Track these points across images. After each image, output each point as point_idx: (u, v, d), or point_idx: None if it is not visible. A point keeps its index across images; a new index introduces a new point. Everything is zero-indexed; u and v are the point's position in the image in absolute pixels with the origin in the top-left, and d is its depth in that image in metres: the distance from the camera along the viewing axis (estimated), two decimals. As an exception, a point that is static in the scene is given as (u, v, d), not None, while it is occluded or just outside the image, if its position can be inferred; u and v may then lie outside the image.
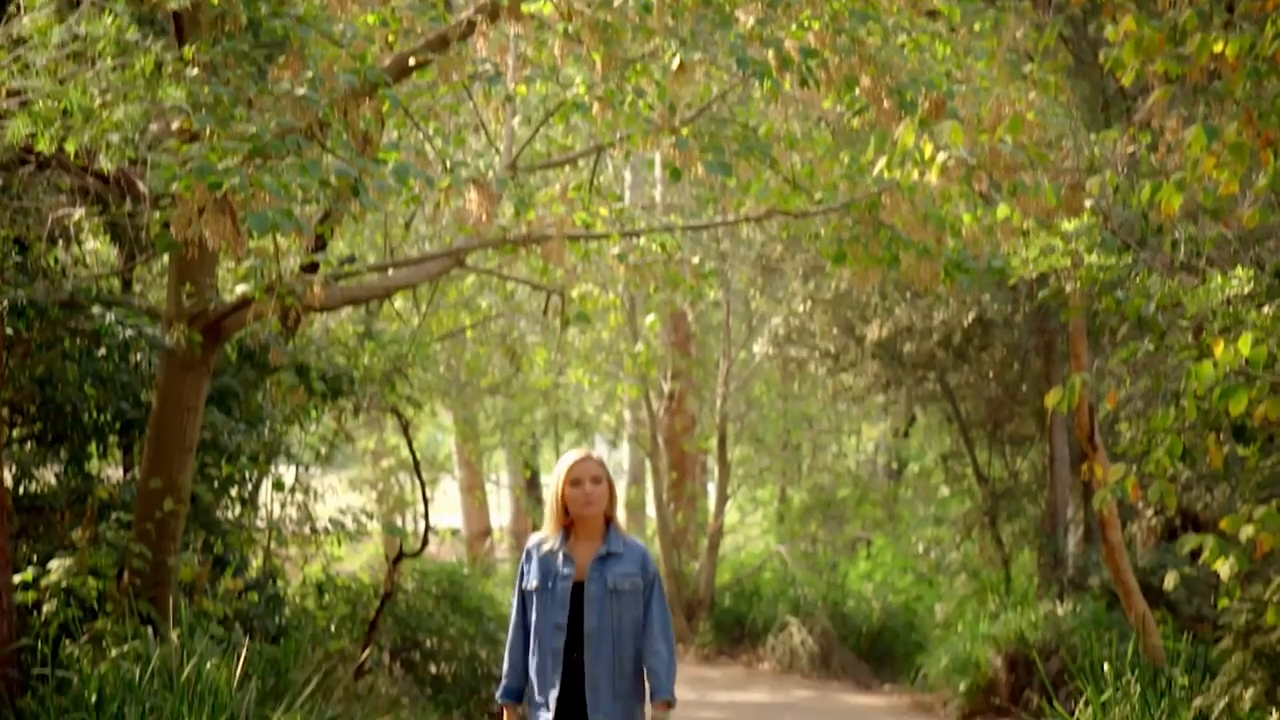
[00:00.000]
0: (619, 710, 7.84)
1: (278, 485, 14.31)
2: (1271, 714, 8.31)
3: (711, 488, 28.64)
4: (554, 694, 7.82)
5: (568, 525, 7.99)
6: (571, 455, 8.02)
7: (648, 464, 28.03)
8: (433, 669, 17.18)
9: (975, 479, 22.67)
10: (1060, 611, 18.77)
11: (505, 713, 8.03)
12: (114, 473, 12.92)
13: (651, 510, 30.62)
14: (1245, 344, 7.37)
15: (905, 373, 21.80)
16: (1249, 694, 8.51)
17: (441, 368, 23.06)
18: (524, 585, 8.01)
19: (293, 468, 15.19)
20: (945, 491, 26.22)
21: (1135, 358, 8.79)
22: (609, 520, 8.03)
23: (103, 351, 11.44)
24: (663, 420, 26.26)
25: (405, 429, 16.74)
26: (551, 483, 7.96)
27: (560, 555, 7.95)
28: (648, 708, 7.92)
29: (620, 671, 7.87)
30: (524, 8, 9.80)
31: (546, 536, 8.00)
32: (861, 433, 30.16)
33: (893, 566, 26.38)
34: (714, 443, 26.17)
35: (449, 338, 21.36)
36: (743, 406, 26.83)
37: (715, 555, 25.63)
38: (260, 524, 14.19)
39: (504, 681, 8.05)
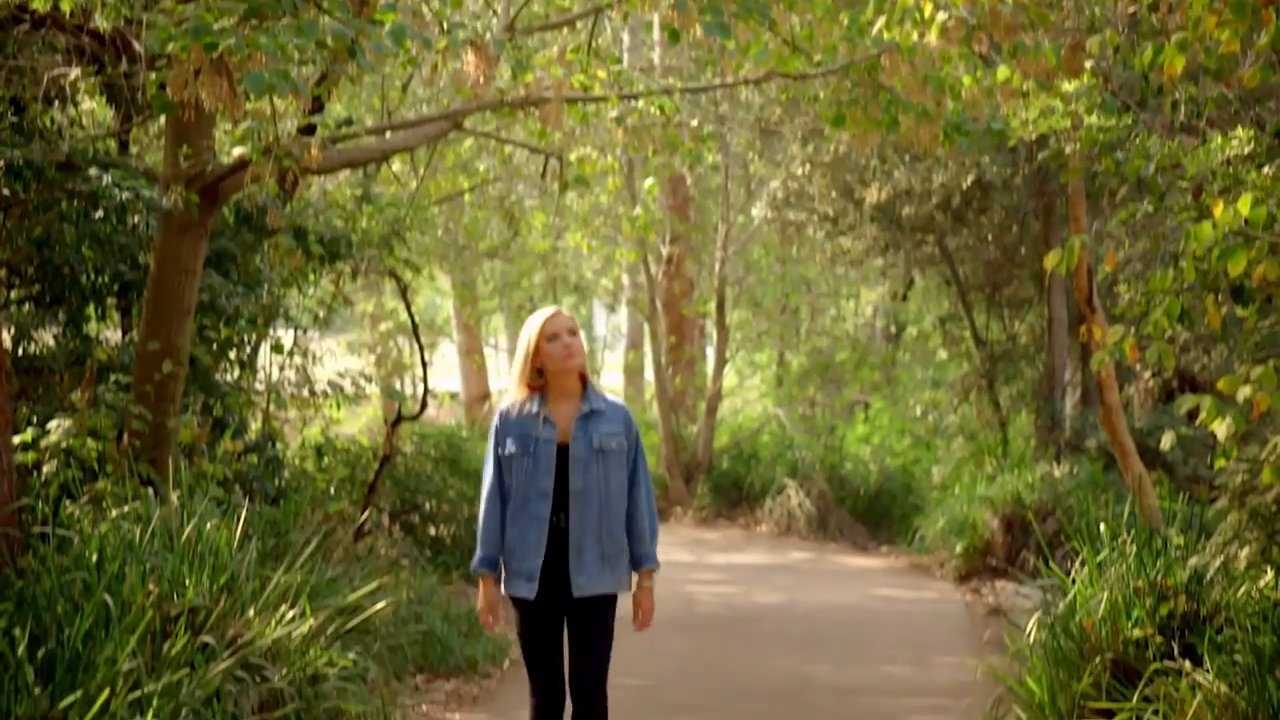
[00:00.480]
0: (605, 575, 7.49)
1: (276, 348, 14.33)
2: (1266, 572, 8.36)
3: (710, 352, 28.69)
4: (538, 562, 7.44)
5: (539, 388, 7.55)
6: (541, 313, 7.57)
7: (646, 328, 28.05)
8: (432, 531, 17.28)
9: (973, 342, 22.69)
10: (1057, 473, 18.85)
11: (483, 584, 7.60)
12: (112, 335, 12.93)
13: (650, 374, 30.67)
14: (1245, 204, 7.36)
15: (904, 236, 21.76)
16: (1244, 553, 8.56)
17: (439, 231, 23.04)
18: (501, 451, 7.53)
19: (291, 331, 15.20)
20: (943, 355, 26.28)
21: (1134, 219, 8.77)
22: (584, 378, 7.62)
23: (100, 213, 11.41)
24: (661, 284, 26.25)
25: (403, 293, 16.74)
26: (521, 343, 7.55)
27: (540, 418, 7.49)
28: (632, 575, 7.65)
29: (608, 535, 7.50)
30: None
31: (519, 400, 7.55)
32: (860, 296, 30.17)
33: (890, 429, 26.46)
34: (712, 307, 26.17)
35: (447, 201, 21.31)
36: (741, 270, 26.82)
37: (713, 419, 25.71)
38: (259, 387, 14.22)
39: (480, 551, 7.58)
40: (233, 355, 13.33)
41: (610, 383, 38.86)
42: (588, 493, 7.45)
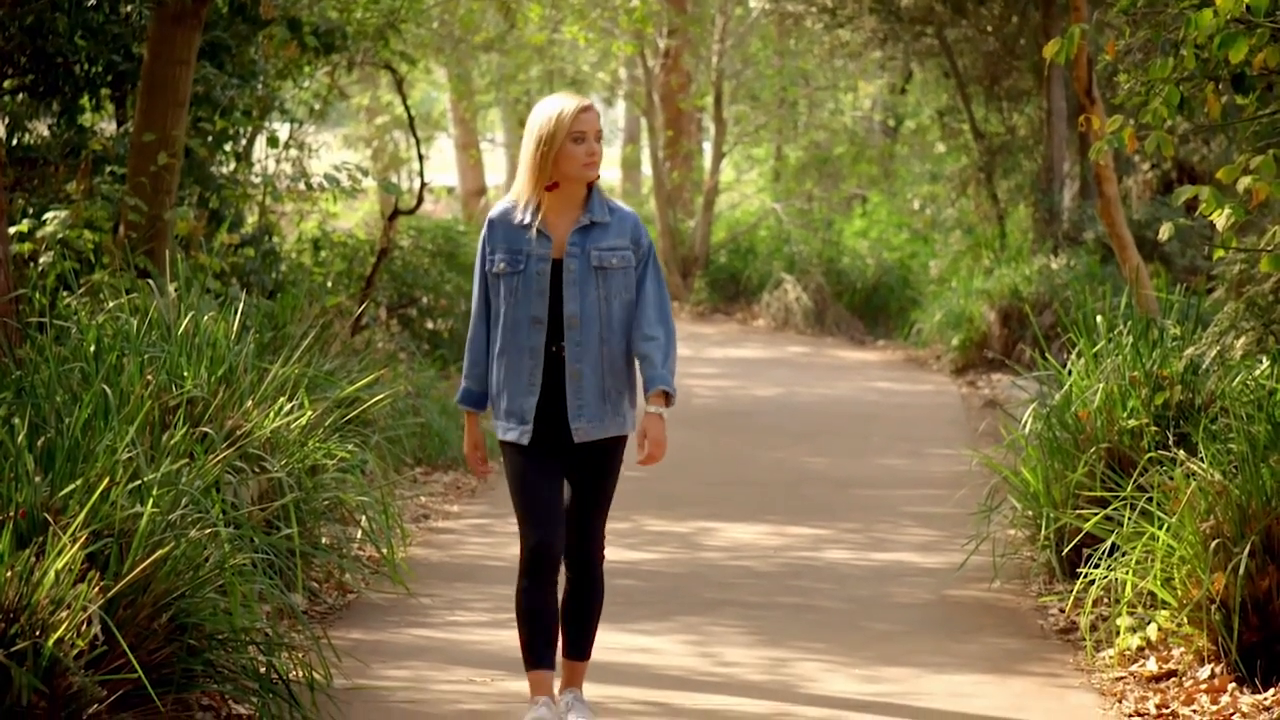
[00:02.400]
0: (606, 413, 6.54)
1: (272, 141, 14.25)
2: (1262, 361, 8.38)
3: (707, 146, 28.54)
4: (532, 401, 6.51)
5: (551, 187, 6.47)
6: (569, 103, 6.45)
7: (643, 122, 27.89)
8: (429, 325, 17.32)
9: (972, 135, 22.56)
10: (1054, 266, 18.86)
11: (467, 422, 6.76)
12: (107, 126, 12.86)
13: (647, 169, 30.56)
14: (1247, -10, 7.27)
15: (903, 27, 21.57)
16: (1240, 342, 8.57)
17: (435, 23, 22.82)
18: (489, 268, 6.55)
19: (286, 124, 15.12)
20: (941, 148, 26.14)
21: (1135, 7, 8.66)
22: (590, 184, 6.55)
23: (92, 2, 11.29)
24: (658, 78, 26.07)
25: (399, 85, 16.62)
26: (538, 134, 6.41)
27: (533, 230, 6.47)
28: (640, 405, 6.66)
29: (610, 367, 6.53)
30: None
31: (514, 205, 6.52)
32: (858, 89, 29.95)
33: (888, 224, 26.43)
34: (710, 100, 26.01)
35: (442, -7, 21.10)
36: (739, 64, 26.61)
37: (710, 213, 25.66)
38: (255, 180, 14.17)
39: (464, 384, 6.70)
40: (228, 148, 13.27)
41: (608, 177, 38.76)
42: (585, 316, 6.48)
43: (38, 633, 5.88)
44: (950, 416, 15.89)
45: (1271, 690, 7.00)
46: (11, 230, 9.90)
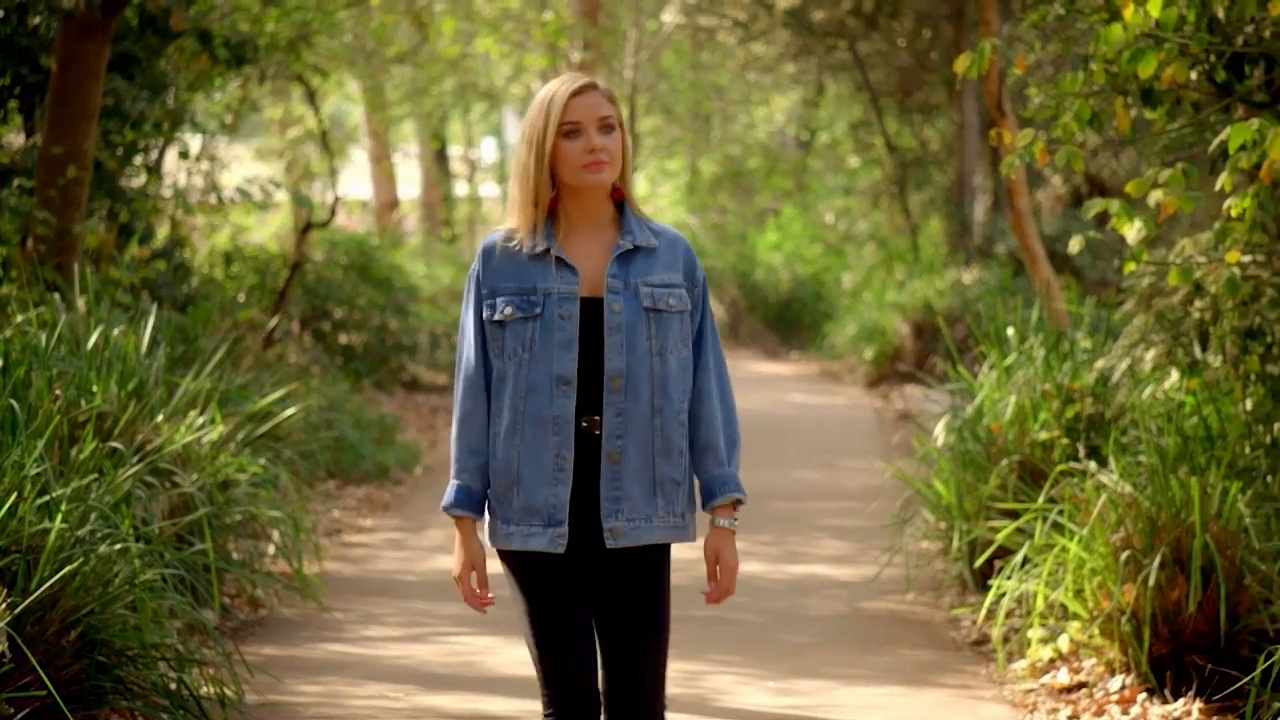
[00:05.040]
0: (656, 511, 4.83)
1: (183, 154, 14.16)
2: (1171, 374, 8.44)
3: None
4: (564, 493, 4.76)
5: (552, 206, 4.83)
6: (563, 85, 4.81)
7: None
8: (342, 339, 17.26)
9: (884, 148, 22.68)
10: (967, 279, 18.97)
11: (459, 532, 4.89)
12: (15, 139, 12.74)
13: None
14: (1155, 6, 7.33)
15: (815, 41, 21.68)
16: (1150, 355, 8.62)
17: (348, 36, 22.73)
18: (488, 315, 4.81)
19: (198, 136, 15.03)
20: (854, 161, 26.26)
21: (1045, 22, 8.72)
22: (620, 196, 4.88)
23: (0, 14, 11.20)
24: (572, 91, 26.03)
25: (312, 97, 16.57)
26: (525, 133, 4.83)
27: (551, 259, 4.78)
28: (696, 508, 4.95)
29: (663, 447, 4.81)
30: None
31: (516, 229, 4.81)
32: (771, 103, 30.04)
33: (801, 236, 26.51)
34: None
35: (355, 5, 21.02)
36: (652, 77, 26.64)
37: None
38: (166, 193, 14.07)
39: (455, 480, 4.87)
40: (139, 160, 13.16)
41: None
42: (633, 377, 4.75)
43: (-56, 651, 5.82)
44: (864, 429, 15.95)
45: (1181, 701, 7.05)
46: (-82, 243, 9.80)
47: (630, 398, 4.75)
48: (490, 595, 4.93)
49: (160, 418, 8.47)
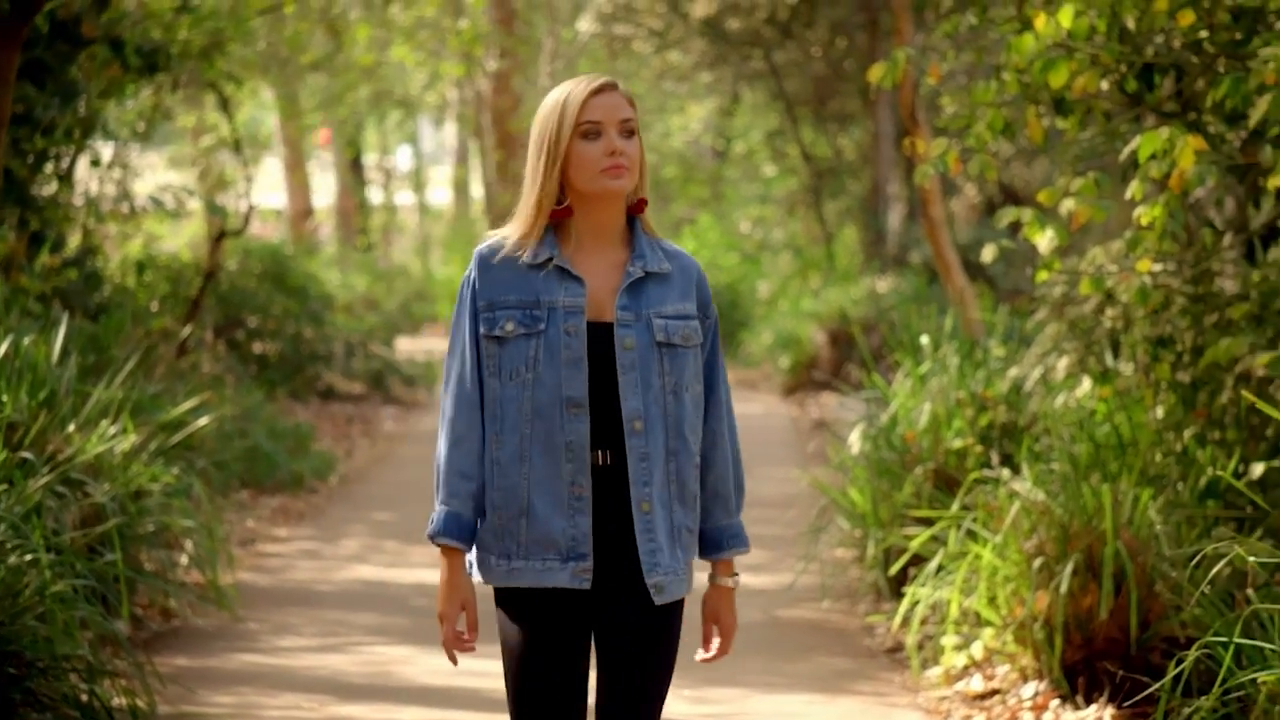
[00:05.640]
0: (679, 563, 4.41)
1: (95, 162, 14.05)
2: (1083, 382, 8.50)
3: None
4: (585, 523, 4.32)
5: (559, 217, 4.39)
6: (580, 84, 4.38)
7: (473, 144, 27.82)
8: (257, 347, 17.18)
9: (800, 157, 22.75)
10: (881, 287, 19.05)
11: (446, 564, 4.37)
12: (-77, 147, 12.61)
13: (477, 190, 30.48)
14: (1066, 16, 7.38)
15: (731, 50, 21.74)
16: (1062, 364, 8.68)
17: (262, 43, 22.63)
18: (486, 330, 4.36)
19: (110, 144, 14.91)
20: (770, 170, 26.34)
21: (958, 32, 8.77)
22: (636, 209, 4.47)
23: (-93, 22, 11.07)
24: (488, 99, 26.03)
25: (225, 105, 16.47)
26: (537, 134, 4.40)
27: (554, 270, 4.36)
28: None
29: (679, 494, 4.40)
30: None
31: (519, 237, 4.39)
32: (687, 111, 30.09)
33: (718, 245, 26.55)
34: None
35: (269, 12, 20.93)
36: (568, 85, 26.65)
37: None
38: (77, 201, 13.96)
39: (445, 507, 4.37)
40: (50, 168, 13.05)
41: (439, 199, 38.59)
42: (648, 419, 4.35)
43: None
44: (780, 437, 15.98)
45: (1093, 707, 7.09)
46: None
47: (650, 440, 4.34)
48: (474, 641, 4.41)
49: (71, 427, 8.39)
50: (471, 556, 4.41)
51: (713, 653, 4.55)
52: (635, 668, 4.41)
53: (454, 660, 4.45)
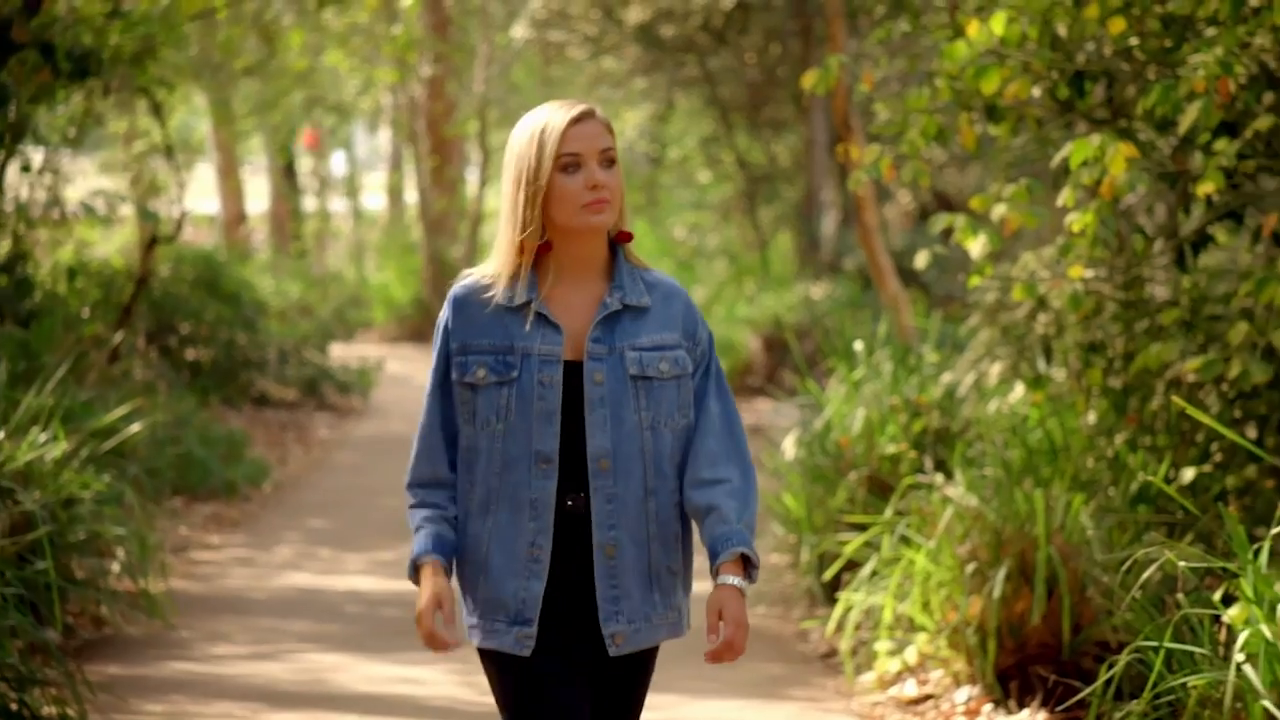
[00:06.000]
0: (654, 607, 4.29)
1: (25, 168, 13.96)
2: (1016, 387, 8.54)
3: (471, 172, 28.51)
4: (536, 588, 4.17)
5: (540, 252, 4.19)
6: (556, 113, 4.18)
7: (407, 150, 27.77)
8: (190, 354, 17.09)
9: (734, 163, 22.77)
10: (816, 293, 19.09)
11: (425, 570, 4.23)
12: None
13: (411, 196, 30.42)
14: (998, 23, 7.42)
15: (666, 56, 21.75)
16: (995, 369, 8.73)
17: (194, 49, 22.54)
18: (459, 375, 4.21)
19: (40, 149, 14.81)
20: (705, 176, 26.36)
21: (891, 38, 8.81)
22: (619, 240, 4.27)
23: None
24: (422, 105, 25.99)
25: (157, 111, 16.37)
26: (514, 168, 4.18)
27: (530, 314, 4.18)
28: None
29: (658, 533, 4.23)
30: None
31: (495, 276, 4.21)
32: (622, 117, 30.09)
33: (652, 251, 26.55)
34: (475, 127, 25.98)
35: (201, 18, 20.84)
36: (503, 91, 26.61)
37: (476, 238, 25.64)
38: (8, 207, 13.86)
39: (424, 528, 4.28)
40: (-21, 174, 12.96)
41: (373, 205, 38.50)
42: (621, 456, 4.17)
43: None
44: (714, 443, 15.96)
45: (1026, 711, 7.12)
46: None
47: (620, 480, 4.15)
48: (457, 640, 4.19)
49: (1, 435, 8.33)
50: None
51: (719, 647, 4.23)
52: (610, 702, 4.35)
53: (442, 651, 4.21)
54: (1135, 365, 7.45)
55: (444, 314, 4.25)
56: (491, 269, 4.21)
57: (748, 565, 4.24)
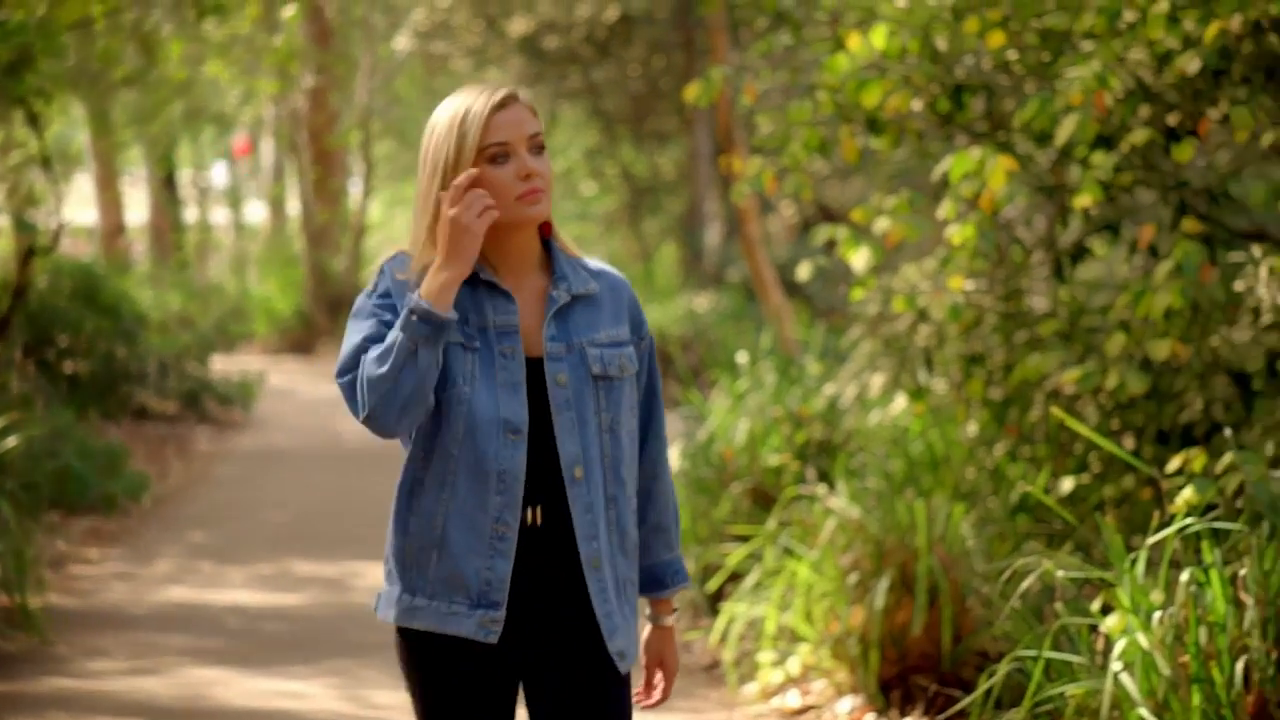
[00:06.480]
0: (626, 618, 3.89)
1: (-102, 179, 13.80)
2: (898, 398, 8.59)
3: (354, 184, 28.39)
4: (501, 570, 3.74)
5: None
6: (480, 97, 3.79)
7: (289, 161, 27.62)
8: (68, 367, 16.91)
9: (618, 175, 22.80)
10: (700, 305, 19.13)
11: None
12: None
13: (293, 207, 30.26)
14: (879, 37, 7.47)
15: (549, 68, 21.75)
16: (877, 380, 8.77)
17: (72, 59, 22.34)
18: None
19: (-85, 161, 14.64)
20: (589, 188, 26.37)
21: (773, 51, 8.84)
22: (547, 231, 3.91)
23: None
24: (305, 116, 25.86)
25: (34, 121, 16.21)
26: (430, 162, 3.80)
27: (479, 287, 3.81)
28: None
29: (621, 544, 3.88)
30: None
31: (415, 274, 3.79)
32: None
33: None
34: (357, 139, 25.88)
35: (79, 27, 20.66)
36: (386, 102, 26.53)
37: (359, 250, 25.53)
38: (-119, 219, 13.70)
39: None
40: None
41: (256, 216, 38.26)
42: (589, 463, 3.81)
43: None
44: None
45: (908, 720, 7.16)
46: None
47: (591, 488, 3.79)
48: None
49: (-126, 450, 8.23)
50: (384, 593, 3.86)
51: (656, 697, 4.04)
52: None
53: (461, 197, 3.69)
54: (1015, 376, 7.51)
55: (376, 284, 3.82)
56: (416, 265, 3.78)
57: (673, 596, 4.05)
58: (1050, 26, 7.36)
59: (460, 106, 3.78)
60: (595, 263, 3.95)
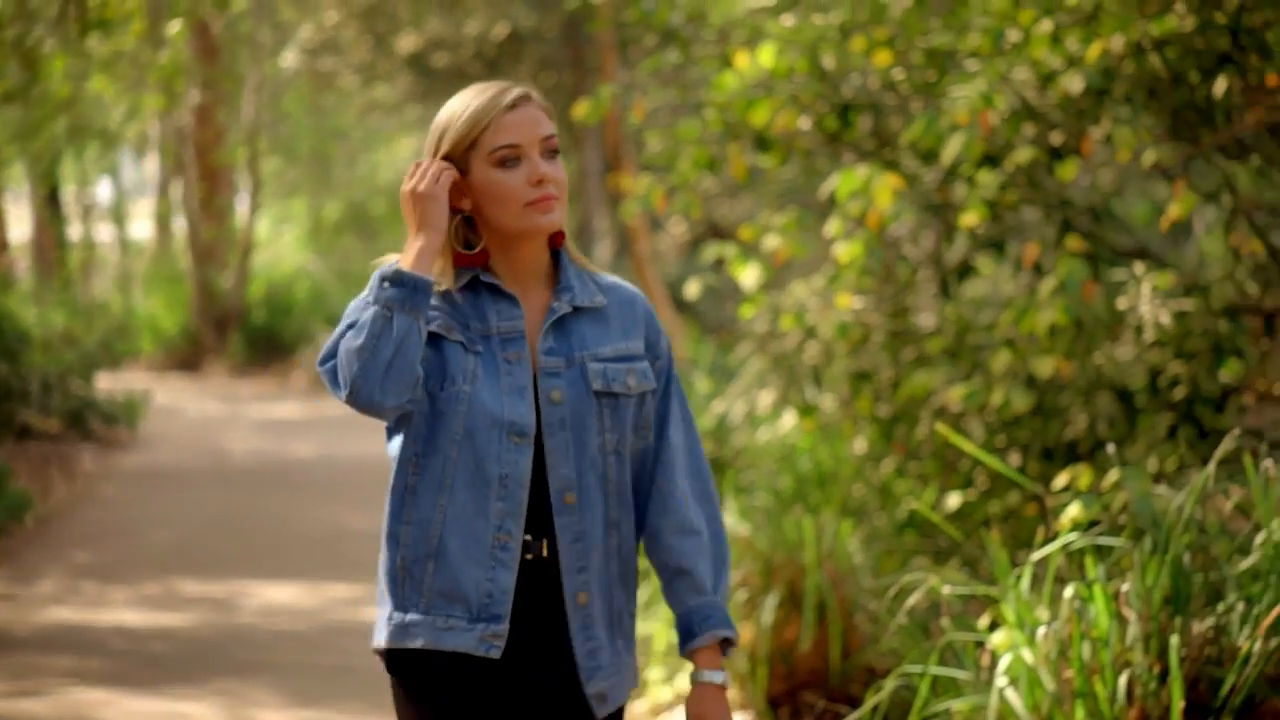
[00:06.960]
0: (620, 659, 3.59)
1: None
2: (786, 415, 8.62)
3: (240, 201, 28.22)
4: (504, 581, 3.46)
5: (472, 264, 3.54)
6: (489, 96, 3.50)
7: (175, 177, 27.43)
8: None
9: (507, 193, 22.81)
10: (588, 323, 19.13)
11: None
12: None
13: (179, 224, 30.04)
14: (767, 55, 7.50)
15: (438, 85, 21.71)
16: (766, 397, 8.80)
17: (-48, 75, 22.12)
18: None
19: None
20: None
21: (662, 69, 8.86)
22: (558, 242, 3.60)
23: None
24: (191, 133, 25.69)
25: (-85, 137, 16.06)
26: (432, 160, 3.54)
27: (481, 289, 3.56)
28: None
29: (620, 573, 3.59)
30: None
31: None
32: (395, 146, 30.00)
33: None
34: (244, 155, 25.74)
35: (-38, 42, 20.45)
36: (273, 118, 26.40)
37: (246, 268, 25.38)
38: None
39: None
40: None
41: (140, 233, 37.97)
42: (584, 488, 3.53)
43: None
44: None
45: (797, 736, 7.18)
46: None
47: (585, 515, 3.50)
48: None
49: None
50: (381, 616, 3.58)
51: None
52: None
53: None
54: (902, 393, 7.56)
55: (373, 285, 3.49)
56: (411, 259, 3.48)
57: (724, 645, 3.60)
58: (936, 46, 7.42)
59: (467, 105, 3.52)
60: (609, 277, 3.67)
